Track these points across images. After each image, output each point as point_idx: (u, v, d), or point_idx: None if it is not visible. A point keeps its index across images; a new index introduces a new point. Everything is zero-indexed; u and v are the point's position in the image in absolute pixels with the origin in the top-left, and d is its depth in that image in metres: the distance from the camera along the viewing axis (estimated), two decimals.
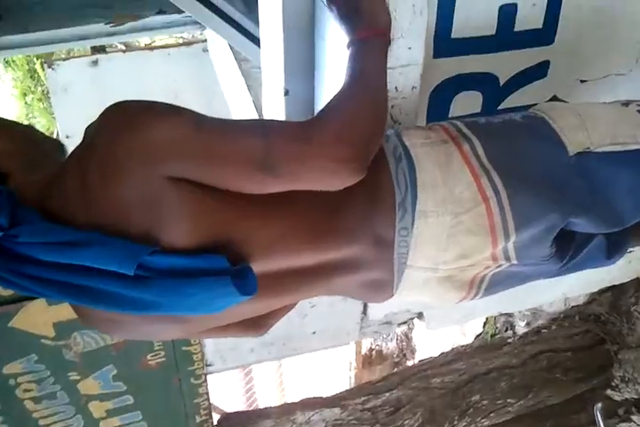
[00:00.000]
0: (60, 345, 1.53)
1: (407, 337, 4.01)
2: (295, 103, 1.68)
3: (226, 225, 0.94)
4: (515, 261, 1.13)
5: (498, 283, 1.19)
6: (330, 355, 4.30)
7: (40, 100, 5.65)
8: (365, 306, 1.87)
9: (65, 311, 1.44)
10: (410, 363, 3.86)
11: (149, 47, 3.78)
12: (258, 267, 0.96)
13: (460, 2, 1.37)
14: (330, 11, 1.19)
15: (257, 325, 1.17)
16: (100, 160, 0.88)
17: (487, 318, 2.87)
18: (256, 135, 0.92)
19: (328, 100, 0.99)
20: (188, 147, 0.89)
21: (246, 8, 2.31)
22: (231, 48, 2.82)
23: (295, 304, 1.23)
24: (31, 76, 5.62)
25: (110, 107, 0.92)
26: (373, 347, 4.25)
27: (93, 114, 0.94)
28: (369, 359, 4.23)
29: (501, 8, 1.42)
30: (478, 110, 1.56)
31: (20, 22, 3.17)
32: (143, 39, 4.45)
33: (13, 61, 5.56)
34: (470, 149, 1.09)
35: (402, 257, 1.09)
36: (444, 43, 1.42)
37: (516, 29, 1.47)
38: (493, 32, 1.45)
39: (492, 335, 2.75)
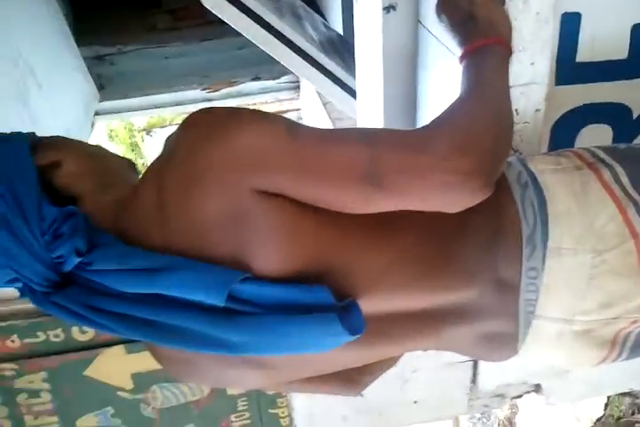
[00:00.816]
0: (137, 399, 1.41)
1: (510, 422, 3.67)
2: None
3: (326, 250, 0.80)
4: None
5: None
6: None
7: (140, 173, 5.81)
8: (475, 374, 1.66)
9: (144, 361, 1.33)
10: None
11: None
12: (361, 304, 0.81)
13: (586, 20, 1.24)
14: (439, 20, 1.08)
15: (353, 381, 1.01)
16: (179, 173, 0.77)
17: (609, 399, 2.56)
18: (360, 144, 0.78)
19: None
20: (281, 156, 0.76)
21: (344, 62, 2.28)
22: (325, 109, 2.80)
23: (396, 361, 1.06)
24: (132, 149, 5.83)
25: (191, 114, 0.82)
26: None
27: None
28: None
29: (634, 28, 1.26)
30: None
31: (120, 90, 3.29)
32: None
33: (117, 136, 5.81)
34: (612, 176, 0.92)
35: (529, 304, 0.90)
36: (567, 67, 1.28)
37: None
38: (625, 56, 1.30)
39: (618, 419, 2.43)
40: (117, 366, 1.35)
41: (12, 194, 0.79)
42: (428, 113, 1.48)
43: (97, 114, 3.09)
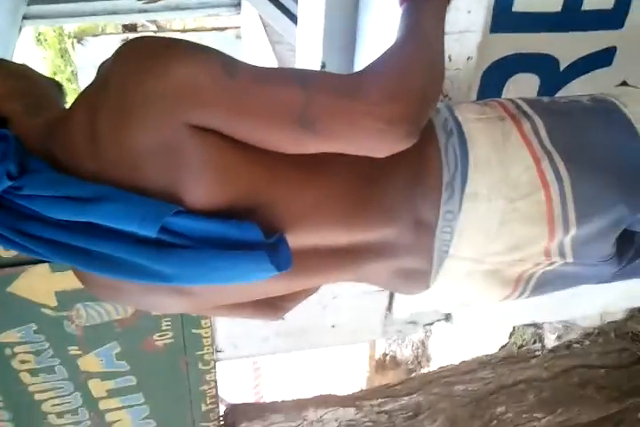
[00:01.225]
0: (61, 316, 1.42)
1: (423, 344, 3.88)
2: None
3: (256, 187, 0.82)
4: (570, 260, 0.99)
5: (547, 283, 1.05)
6: (341, 354, 4.19)
7: (69, 80, 5.59)
8: (391, 302, 1.75)
9: (69, 280, 1.33)
10: (425, 371, 3.75)
11: (181, 30, 3.70)
12: (288, 239, 0.84)
13: None
14: None
15: (274, 307, 1.05)
16: (113, 103, 0.76)
17: (514, 329, 2.74)
18: (296, 86, 0.78)
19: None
20: (216, 91, 0.76)
21: None
22: (266, 31, 2.75)
23: (317, 289, 1.11)
24: (62, 56, 5.57)
25: (127, 43, 0.80)
26: (387, 352, 4.13)
27: None
28: (382, 364, 4.11)
29: None
30: (534, 95, 1.43)
31: None
32: (178, 22, 4.37)
33: (45, 40, 5.52)
34: (531, 128, 0.96)
35: (444, 244, 0.96)
36: (503, 16, 1.30)
37: (584, 8, 1.35)
38: (559, 9, 1.33)
39: (520, 347, 2.61)
40: (42, 283, 1.36)
41: None
42: (366, 47, 1.49)
43: (25, 18, 2.92)
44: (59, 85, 0.96)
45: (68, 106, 0.85)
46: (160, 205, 0.77)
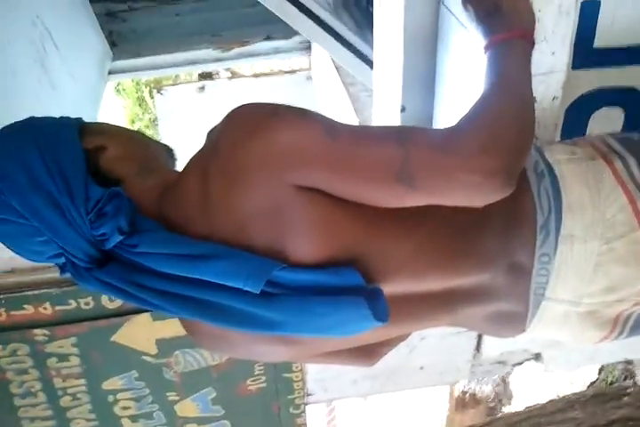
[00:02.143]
0: (160, 363, 1.47)
1: (504, 381, 3.78)
2: (412, 121, 1.60)
3: (356, 240, 0.85)
4: None
5: None
6: (420, 393, 4.11)
7: (147, 127, 5.83)
8: (479, 342, 1.73)
9: (169, 328, 1.39)
10: (506, 409, 3.64)
11: (254, 75, 3.81)
12: (386, 289, 0.86)
13: (604, 5, 1.25)
14: (465, 10, 1.10)
15: (370, 353, 1.06)
16: (223, 166, 0.81)
17: (603, 366, 2.65)
18: (393, 143, 0.81)
19: (453, 114, 0.89)
20: (319, 154, 0.80)
21: (357, 27, 2.27)
22: (338, 72, 2.80)
23: (410, 333, 1.12)
24: (140, 104, 5.81)
25: (236, 109, 0.85)
26: (467, 390, 4.04)
27: (198, 139, 0.88)
28: (462, 402, 4.02)
29: None
30: (619, 129, 1.42)
31: (133, 48, 3.28)
32: (248, 67, 4.51)
33: (123, 89, 5.78)
34: (624, 167, 0.96)
35: (540, 287, 0.96)
36: (584, 52, 1.30)
37: None
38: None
39: (610, 384, 2.51)
40: (143, 332, 1.41)
41: (61, 174, 0.84)
42: (446, 90, 1.50)
43: (110, 73, 3.09)
44: (170, 150, 1.02)
45: (179, 169, 0.90)
46: (265, 263, 0.81)
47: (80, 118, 0.96)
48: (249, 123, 0.82)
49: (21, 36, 2.23)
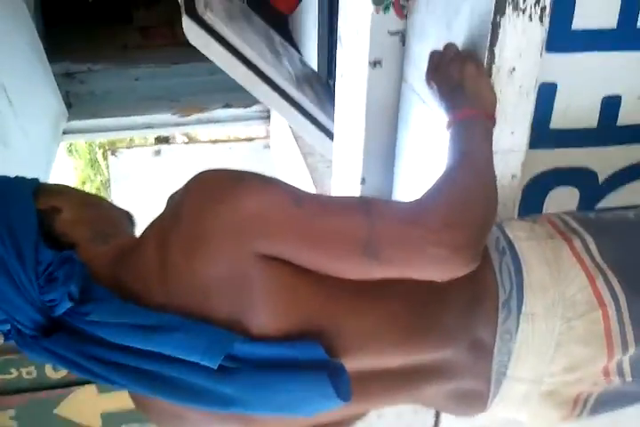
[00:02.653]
0: None
1: None
2: (371, 193, 1.61)
3: (319, 313, 0.83)
4: (629, 379, 0.97)
5: (605, 403, 1.02)
6: None
7: (99, 189, 5.75)
8: (437, 421, 1.69)
9: (115, 401, 1.32)
10: None
11: (211, 141, 3.83)
12: (347, 365, 0.82)
13: (560, 90, 1.30)
14: (429, 87, 1.13)
15: None
16: (185, 233, 0.78)
17: None
18: (359, 214, 0.81)
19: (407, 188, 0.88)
20: (286, 223, 0.79)
21: (318, 99, 2.31)
22: (297, 142, 2.82)
23: (368, 412, 1.08)
24: (92, 165, 5.75)
25: (199, 174, 0.83)
26: None
27: (152, 203, 0.86)
28: None
29: (604, 100, 1.33)
30: (574, 208, 1.45)
31: (89, 110, 3.26)
32: (205, 133, 4.53)
33: (76, 150, 5.72)
34: (582, 246, 0.97)
35: (502, 365, 0.94)
36: (541, 133, 1.34)
37: (619, 124, 1.38)
38: (595, 125, 1.37)
39: None
40: (88, 405, 1.34)
41: (11, 235, 0.80)
42: (406, 163, 1.52)
43: (64, 133, 3.06)
44: (130, 216, 0.99)
45: (137, 235, 0.87)
46: (224, 335, 0.77)
47: (36, 178, 0.93)
48: (214, 188, 0.80)
49: None
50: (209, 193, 0.80)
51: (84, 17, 3.74)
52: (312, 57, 2.79)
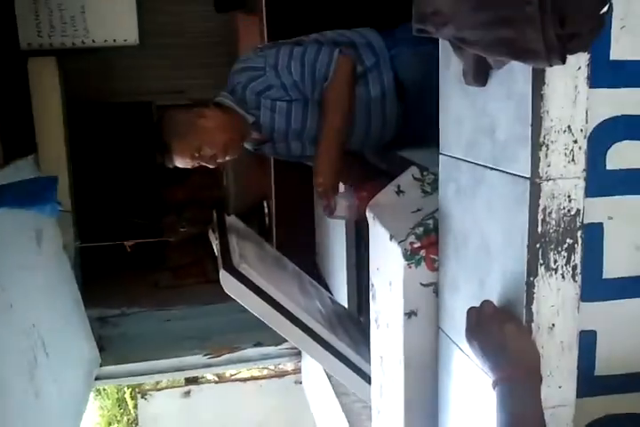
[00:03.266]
0: None
1: None
2: None
3: None
4: None
5: None
6: None
7: None
8: None
9: None
10: None
11: (241, 379, 3.78)
12: None
13: (600, 337, 1.30)
14: (470, 346, 1.14)
15: None
16: None
17: None
18: None
19: None
20: None
21: (352, 341, 2.32)
22: (330, 382, 2.78)
23: None
24: (119, 405, 5.61)
25: None
26: None
27: None
28: None
29: None
30: None
31: (121, 354, 3.28)
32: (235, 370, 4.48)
33: (104, 390, 5.62)
34: None
35: None
36: (587, 381, 1.31)
37: None
38: None
39: None
40: None
41: None
42: (450, 417, 1.47)
43: (96, 379, 3.05)
44: None
45: None
46: None
47: None
48: None
49: (15, 347, 2.24)
50: None
51: (120, 263, 3.94)
52: (341, 292, 2.87)
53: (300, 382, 3.58)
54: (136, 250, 4.00)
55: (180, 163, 2.08)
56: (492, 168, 1.20)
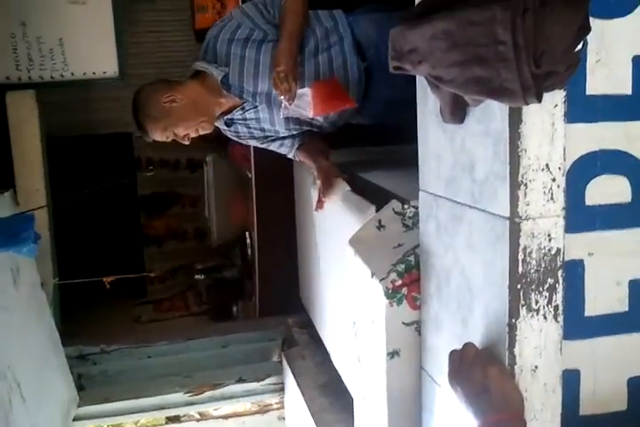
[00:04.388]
0: None
1: None
2: None
3: None
4: None
5: None
6: None
7: None
8: None
9: None
10: None
11: (224, 416, 3.69)
12: None
13: (584, 376, 1.28)
14: (454, 390, 1.11)
15: None
16: None
17: None
18: None
19: None
20: None
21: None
22: (312, 416, 2.73)
23: None
24: None
25: None
26: None
27: None
28: None
29: (630, 381, 1.31)
30: None
31: (101, 393, 3.20)
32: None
33: None
34: None
35: None
36: (572, 421, 1.28)
37: None
38: (625, 407, 1.32)
39: None
40: None
41: None
42: None
43: (76, 419, 2.97)
44: None
45: None
46: None
47: None
48: None
49: None
50: None
51: (99, 298, 3.87)
52: (327, 329, 2.82)
53: (284, 418, 3.50)
54: (116, 284, 3.95)
55: (156, 139, 2.21)
56: (471, 206, 1.18)
